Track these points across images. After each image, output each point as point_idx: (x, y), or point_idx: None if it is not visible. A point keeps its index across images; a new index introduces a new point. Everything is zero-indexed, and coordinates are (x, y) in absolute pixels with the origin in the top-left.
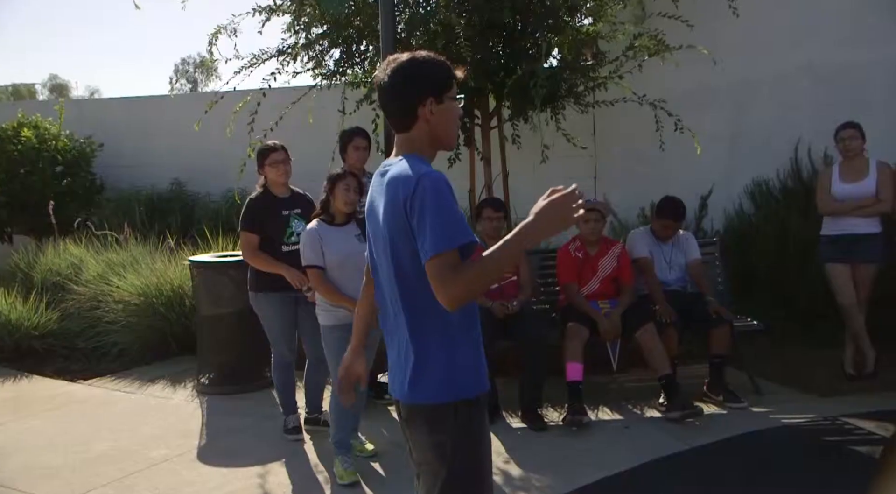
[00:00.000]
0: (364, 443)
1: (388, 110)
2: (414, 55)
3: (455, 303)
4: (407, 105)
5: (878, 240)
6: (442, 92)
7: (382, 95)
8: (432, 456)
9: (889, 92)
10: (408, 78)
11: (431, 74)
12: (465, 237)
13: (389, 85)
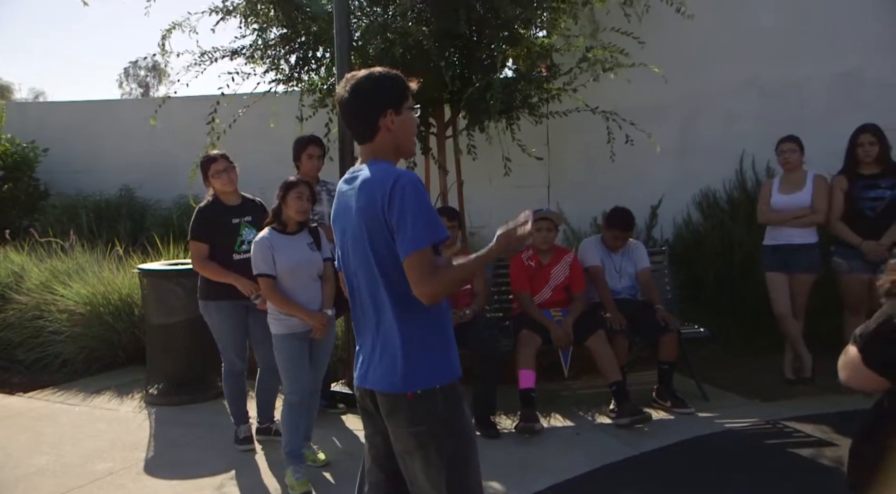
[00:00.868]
0: (316, 453)
1: (351, 124)
2: (370, 71)
3: (433, 298)
4: (368, 118)
5: (815, 250)
6: (399, 104)
7: (345, 111)
8: (420, 443)
9: (827, 107)
10: (367, 93)
11: (388, 87)
12: (443, 234)
13: (351, 100)
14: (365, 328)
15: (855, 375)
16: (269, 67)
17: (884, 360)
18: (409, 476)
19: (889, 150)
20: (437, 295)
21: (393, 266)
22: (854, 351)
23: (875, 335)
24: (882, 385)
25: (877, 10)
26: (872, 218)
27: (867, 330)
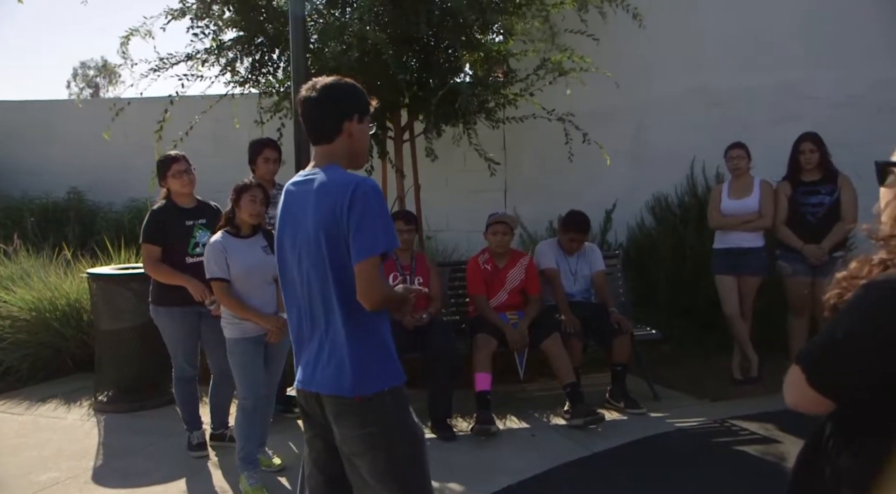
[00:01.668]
0: (271, 458)
1: (313, 124)
2: (340, 78)
3: (378, 305)
4: (335, 118)
5: (761, 253)
6: (363, 114)
7: (310, 108)
8: (370, 445)
9: (773, 116)
10: (338, 93)
11: (357, 94)
12: (395, 243)
13: (319, 98)
14: (311, 332)
15: (798, 395)
16: (224, 70)
17: (826, 380)
18: (357, 479)
19: (828, 157)
20: (379, 304)
21: (346, 271)
22: (797, 371)
23: (817, 351)
24: (826, 407)
25: (818, 25)
26: (813, 223)
27: (809, 348)
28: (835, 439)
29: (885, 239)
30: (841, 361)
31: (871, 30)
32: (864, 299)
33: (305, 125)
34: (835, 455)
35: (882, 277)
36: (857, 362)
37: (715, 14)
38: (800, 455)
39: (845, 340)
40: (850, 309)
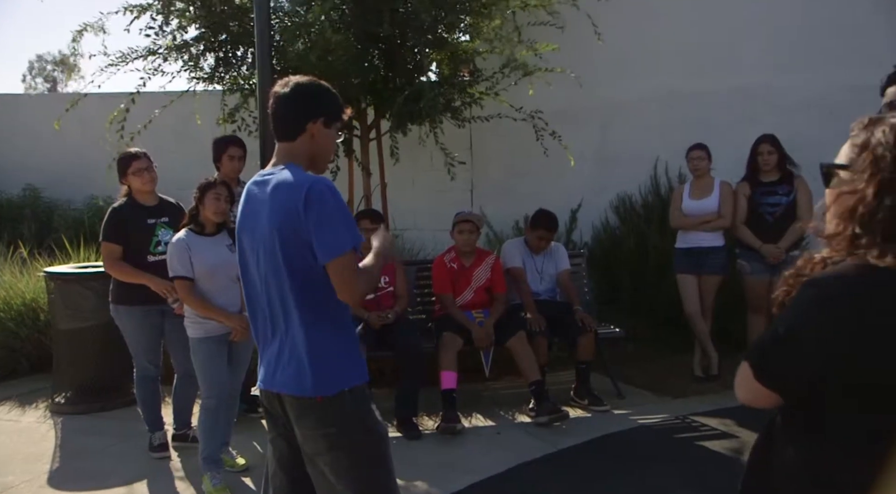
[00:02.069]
0: (235, 458)
1: (279, 118)
2: (315, 79)
3: (360, 298)
4: (300, 116)
5: (721, 253)
6: (331, 119)
7: (279, 104)
8: (331, 444)
9: (733, 118)
10: (308, 93)
11: (328, 98)
12: (361, 238)
13: (290, 94)
14: (271, 332)
15: (748, 391)
16: (186, 66)
17: (772, 375)
18: (318, 479)
19: (786, 159)
20: (365, 293)
21: (303, 271)
22: (746, 367)
23: (764, 347)
24: (775, 401)
25: (777, 29)
26: (771, 222)
27: (757, 344)
28: (782, 432)
29: (829, 237)
30: (784, 356)
31: (828, 36)
32: (805, 296)
33: (272, 121)
34: (782, 447)
35: (821, 274)
36: (798, 357)
37: (678, 17)
38: (754, 447)
39: (787, 336)
40: (791, 306)
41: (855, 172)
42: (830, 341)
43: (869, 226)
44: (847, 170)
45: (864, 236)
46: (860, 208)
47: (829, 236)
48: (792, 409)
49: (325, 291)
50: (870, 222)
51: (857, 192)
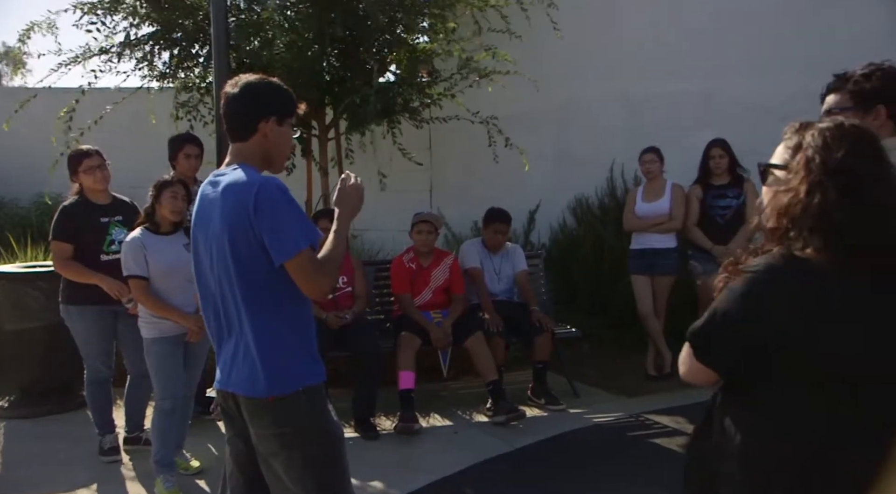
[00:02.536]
0: (189, 460)
1: (230, 119)
2: (265, 77)
3: (324, 292)
4: (251, 116)
5: (674, 254)
6: (283, 116)
7: (229, 104)
8: (285, 444)
9: (688, 122)
10: (257, 92)
11: (279, 95)
12: (318, 234)
13: (239, 95)
14: (226, 333)
15: (689, 369)
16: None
17: (710, 354)
18: (273, 479)
19: (736, 162)
20: (329, 287)
21: (254, 272)
22: (687, 347)
23: (702, 328)
24: (713, 379)
25: (731, 36)
26: (722, 224)
27: (697, 326)
28: (720, 408)
29: (769, 231)
30: (719, 337)
31: (781, 42)
32: (737, 283)
33: (225, 121)
34: (719, 422)
35: (753, 263)
36: (732, 337)
37: (636, 21)
38: (697, 425)
39: (722, 318)
40: (727, 291)
41: (790, 172)
42: (759, 322)
43: (798, 221)
44: (783, 170)
45: (794, 230)
46: (793, 204)
47: (769, 230)
48: (728, 386)
49: (279, 291)
50: (800, 217)
51: (792, 190)
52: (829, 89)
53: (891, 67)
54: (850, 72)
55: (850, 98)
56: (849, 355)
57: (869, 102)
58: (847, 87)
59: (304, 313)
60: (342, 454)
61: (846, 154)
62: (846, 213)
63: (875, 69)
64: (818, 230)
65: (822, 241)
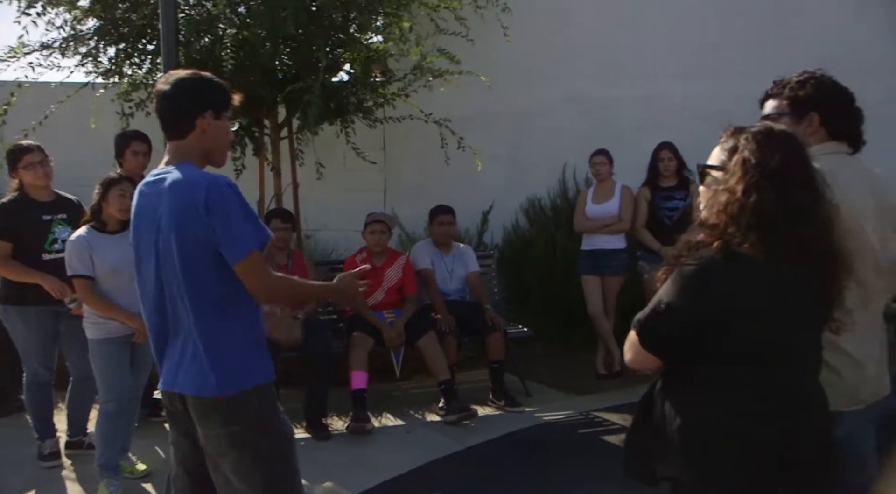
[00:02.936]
0: (135, 463)
1: (166, 117)
2: (197, 72)
3: (273, 296)
4: (187, 112)
5: (623, 255)
6: (220, 109)
7: (163, 102)
8: (234, 444)
9: (639, 125)
10: (191, 88)
11: (213, 89)
12: (267, 234)
13: (172, 92)
14: (172, 333)
15: (635, 355)
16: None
17: (654, 341)
18: (220, 479)
19: (683, 165)
20: (275, 296)
21: (203, 271)
22: (633, 334)
23: (647, 317)
24: (657, 365)
25: (681, 41)
26: (670, 226)
27: (642, 315)
28: (660, 392)
29: (708, 227)
30: (663, 325)
31: (727, 49)
32: (679, 274)
33: (160, 120)
34: (660, 407)
35: (695, 257)
36: (675, 324)
37: (590, 25)
38: (639, 405)
39: (666, 307)
40: (670, 282)
41: (727, 173)
42: (700, 310)
43: (736, 218)
44: (720, 170)
45: (732, 226)
46: (731, 203)
47: (709, 227)
48: (669, 371)
49: (228, 289)
50: (737, 214)
51: (730, 189)
52: (768, 95)
53: (823, 75)
54: (786, 79)
55: (788, 104)
56: (778, 336)
57: (803, 109)
58: (784, 93)
59: (252, 311)
60: (292, 453)
61: (781, 158)
62: (779, 212)
63: (809, 77)
64: (754, 227)
65: (757, 237)
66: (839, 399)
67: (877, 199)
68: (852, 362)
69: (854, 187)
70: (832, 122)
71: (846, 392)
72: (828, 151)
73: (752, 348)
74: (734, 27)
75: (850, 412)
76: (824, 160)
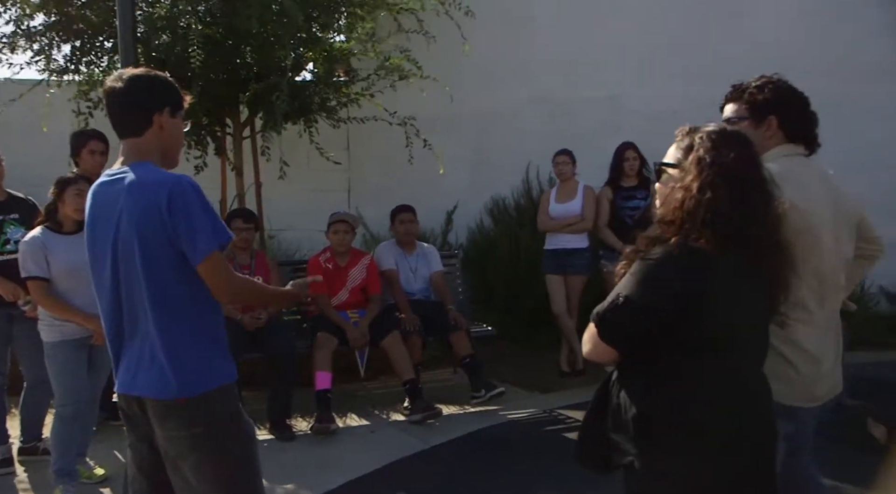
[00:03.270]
0: (93, 468)
1: (121, 115)
2: (149, 70)
3: (235, 297)
4: (143, 110)
5: (586, 254)
6: (176, 107)
7: (117, 99)
8: (196, 445)
9: (600, 126)
10: (147, 85)
11: (167, 87)
12: (228, 235)
13: (126, 90)
14: (130, 334)
15: (593, 348)
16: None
17: (613, 333)
18: (180, 483)
19: (645, 165)
20: (237, 297)
21: (164, 272)
22: (592, 327)
23: (606, 311)
24: (615, 357)
25: (640, 44)
26: (631, 225)
27: (601, 308)
28: (616, 383)
29: (665, 223)
30: (621, 317)
31: (685, 53)
32: (638, 269)
33: (111, 118)
34: (616, 394)
35: (652, 252)
36: (633, 317)
37: (552, 28)
38: (594, 396)
39: (625, 301)
40: (628, 276)
41: (682, 171)
42: (657, 303)
43: (692, 214)
44: (676, 168)
45: (688, 223)
46: (687, 200)
47: (667, 223)
48: (625, 363)
49: (189, 290)
50: (693, 211)
51: (686, 187)
52: (727, 99)
53: (780, 79)
54: (745, 83)
55: (747, 108)
56: (733, 327)
57: (762, 113)
58: (744, 97)
59: (213, 312)
60: (254, 454)
61: (735, 158)
62: (733, 209)
63: (767, 82)
64: (709, 223)
65: (711, 232)
66: (796, 395)
67: (832, 200)
68: (810, 358)
69: (812, 187)
70: (789, 125)
71: (803, 388)
72: (786, 153)
73: (708, 338)
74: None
75: (805, 408)
76: (784, 161)
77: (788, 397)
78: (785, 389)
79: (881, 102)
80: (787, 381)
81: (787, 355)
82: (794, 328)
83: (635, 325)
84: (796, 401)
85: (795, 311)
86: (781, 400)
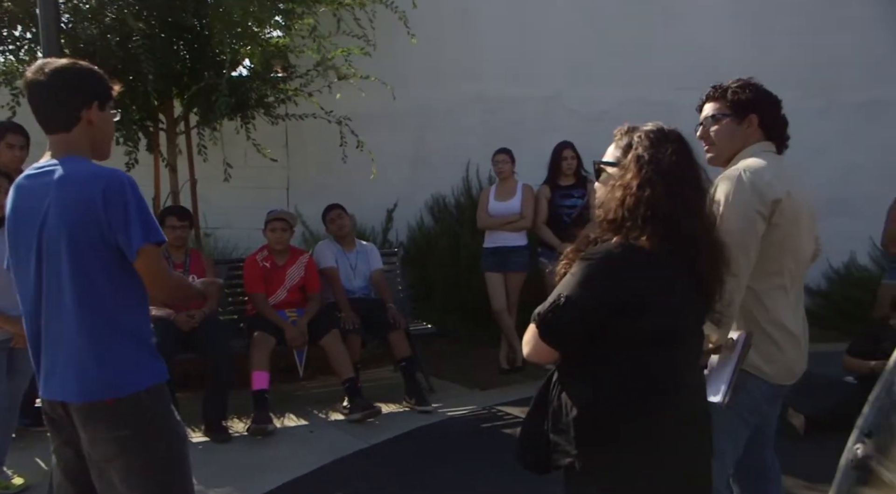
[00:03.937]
0: (11, 478)
1: (46, 110)
2: (74, 62)
3: (170, 295)
4: (70, 106)
5: (525, 252)
6: (105, 100)
7: (40, 94)
8: (123, 448)
9: (539, 125)
10: (73, 78)
11: (96, 80)
12: (161, 234)
13: (49, 83)
14: (53, 335)
15: (534, 349)
16: None
17: (554, 334)
18: (104, 486)
19: (582, 165)
20: (172, 295)
21: (95, 270)
22: (533, 328)
23: (546, 311)
24: (555, 357)
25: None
26: (568, 223)
27: (542, 308)
28: (557, 382)
29: (606, 222)
30: (563, 317)
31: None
32: (579, 268)
33: (35, 112)
34: (556, 395)
35: (592, 250)
36: (574, 317)
37: (493, 27)
38: (535, 396)
39: (566, 301)
40: (569, 276)
41: (622, 169)
42: (598, 304)
43: (632, 212)
44: (615, 167)
45: (629, 220)
46: (627, 198)
47: (608, 222)
48: (565, 362)
49: (116, 288)
50: (633, 208)
51: (625, 184)
52: (707, 98)
53: (756, 83)
54: (724, 85)
55: (729, 107)
56: (674, 323)
57: (744, 111)
58: (727, 96)
59: (141, 311)
60: (185, 455)
61: (672, 155)
62: (671, 205)
63: (746, 84)
64: (649, 220)
65: (652, 229)
66: (781, 374)
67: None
68: (793, 338)
69: (797, 179)
70: (768, 124)
71: (787, 367)
72: (766, 149)
73: (649, 337)
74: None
75: (786, 387)
76: (768, 156)
77: (777, 377)
78: (773, 370)
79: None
80: (773, 362)
81: (774, 336)
82: (777, 310)
83: (577, 325)
84: (781, 380)
85: (778, 293)
86: (772, 381)
